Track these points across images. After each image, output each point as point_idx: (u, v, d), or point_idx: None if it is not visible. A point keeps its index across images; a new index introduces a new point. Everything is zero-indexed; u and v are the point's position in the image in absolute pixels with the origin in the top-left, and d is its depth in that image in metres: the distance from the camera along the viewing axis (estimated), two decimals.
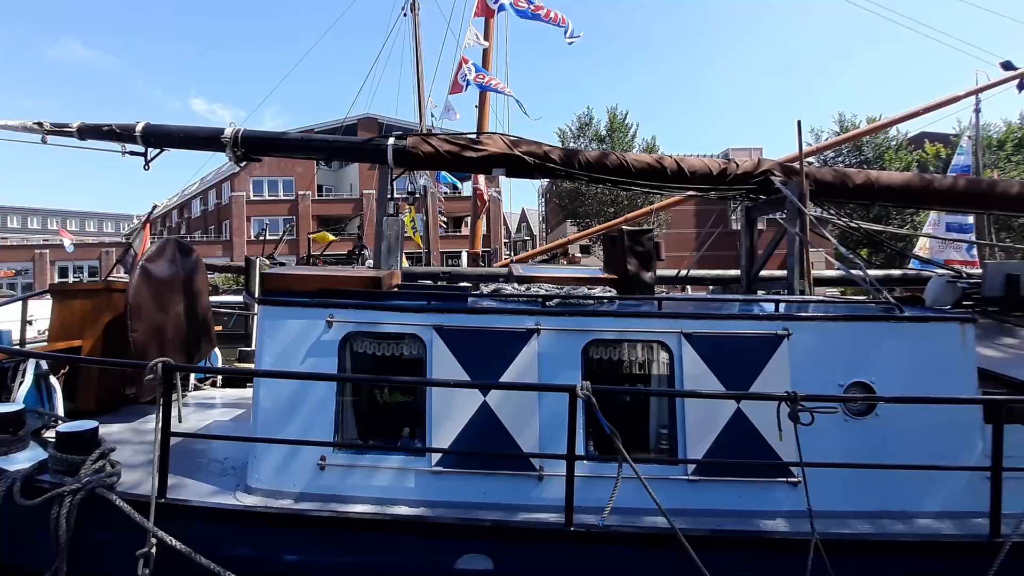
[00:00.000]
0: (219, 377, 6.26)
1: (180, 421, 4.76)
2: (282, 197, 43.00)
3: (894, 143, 30.43)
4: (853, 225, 5.86)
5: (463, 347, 3.48)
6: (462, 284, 6.94)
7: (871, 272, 6.74)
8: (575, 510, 3.07)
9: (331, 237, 12.12)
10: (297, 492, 3.37)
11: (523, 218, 60.28)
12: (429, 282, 6.98)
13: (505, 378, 3.45)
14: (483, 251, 12.80)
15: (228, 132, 5.30)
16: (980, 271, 4.89)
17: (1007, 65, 7.12)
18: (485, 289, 4.30)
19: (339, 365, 3.53)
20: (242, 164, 5.76)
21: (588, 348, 3.55)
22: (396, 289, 4.42)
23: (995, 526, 2.99)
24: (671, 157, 5.62)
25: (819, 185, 5.28)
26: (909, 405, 3.29)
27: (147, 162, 5.46)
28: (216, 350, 6.26)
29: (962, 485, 3.23)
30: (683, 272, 6.91)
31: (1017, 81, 6.94)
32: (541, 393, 3.42)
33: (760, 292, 5.79)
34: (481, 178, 12.28)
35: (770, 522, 3.23)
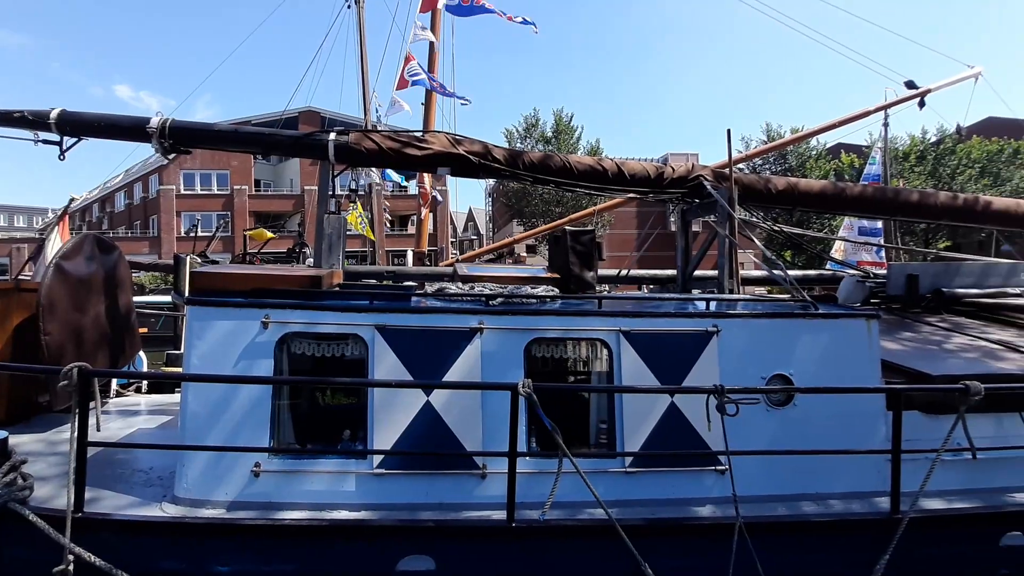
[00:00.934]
0: (144, 383, 5.89)
1: (99, 430, 4.45)
2: (216, 191, 40.79)
3: (814, 153, 32.76)
4: (776, 228, 6.27)
5: (406, 347, 3.46)
6: (407, 283, 6.87)
7: (792, 272, 7.23)
8: (518, 506, 3.12)
9: (269, 234, 11.64)
10: (229, 501, 3.24)
11: (470, 217, 60.13)
12: (373, 281, 6.86)
13: (448, 377, 3.46)
14: (429, 250, 12.69)
15: (154, 122, 5.00)
16: (886, 271, 5.36)
17: (910, 84, 7.86)
18: (429, 288, 4.29)
19: (275, 367, 3.42)
20: (170, 156, 5.45)
21: (531, 346, 3.61)
22: (337, 288, 4.32)
23: (895, 504, 3.30)
24: (612, 160, 5.80)
25: (746, 190, 5.61)
26: (822, 395, 3.57)
27: (63, 152, 5.07)
28: (141, 354, 5.89)
29: (868, 467, 3.53)
30: (623, 272, 7.14)
31: (918, 99, 7.69)
32: (484, 392, 3.45)
33: (695, 291, 6.08)
34: (427, 176, 12.16)
35: (700, 508, 3.41)
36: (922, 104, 7.76)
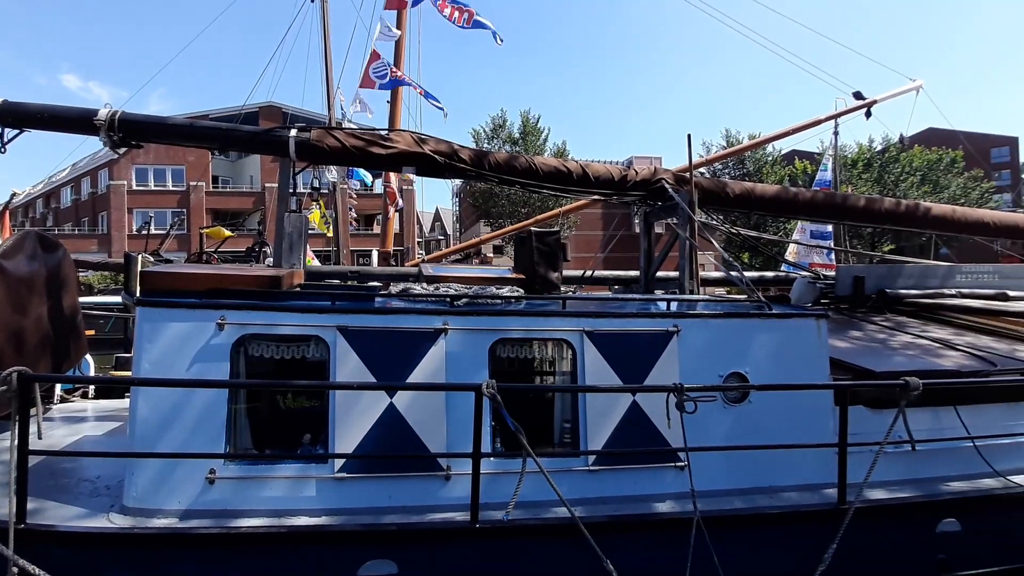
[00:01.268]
0: (92, 388, 5.61)
1: (40, 438, 4.22)
2: (170, 187, 39.15)
3: (770, 159, 34.12)
4: (734, 231, 6.48)
5: (369, 348, 3.42)
6: (372, 284, 6.77)
7: (749, 274, 7.48)
8: (483, 507, 3.13)
9: (227, 233, 11.24)
10: (182, 510, 3.13)
11: (437, 217, 59.73)
12: (337, 282, 6.74)
13: (412, 379, 3.43)
14: (394, 250, 12.54)
15: (103, 114, 4.77)
16: (835, 273, 5.61)
17: (858, 95, 8.27)
18: (393, 289, 4.25)
19: (231, 370, 3.32)
20: (120, 150, 5.21)
21: (495, 347, 3.62)
22: (298, 289, 4.23)
23: (842, 495, 3.46)
24: (577, 162, 5.87)
25: (706, 194, 5.78)
26: (776, 391, 3.71)
27: (3, 144, 4.78)
28: (88, 357, 5.61)
29: (818, 460, 3.69)
30: (588, 272, 7.24)
31: (865, 110, 8.10)
32: (449, 393, 3.44)
33: (659, 291, 6.22)
34: (392, 176, 12.01)
35: (661, 504, 3.50)
36: (868, 114, 8.18)
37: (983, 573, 3.70)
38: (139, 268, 4.84)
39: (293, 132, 5.07)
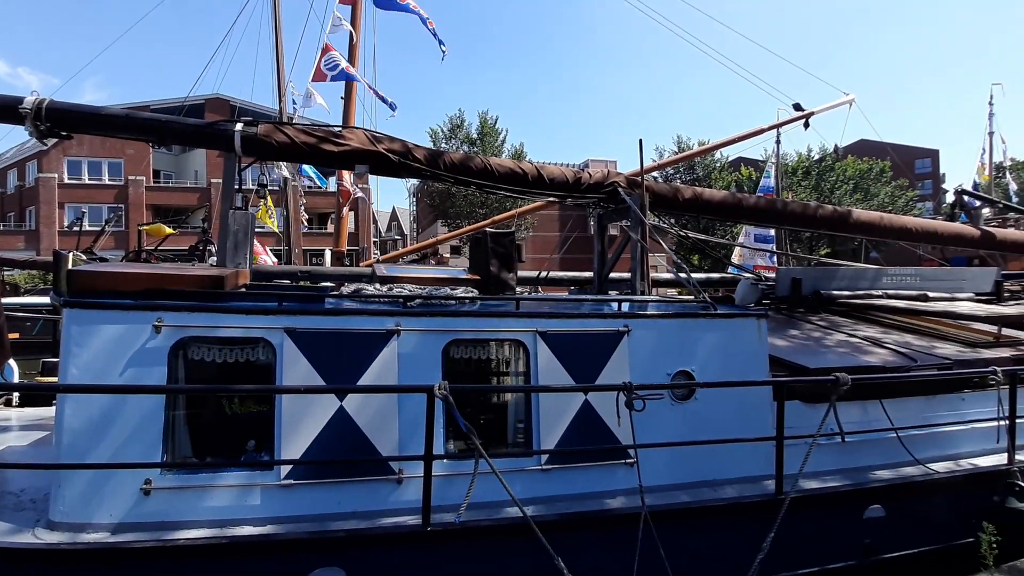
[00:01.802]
0: (15, 395, 5.22)
1: None
2: (107, 181, 36.84)
3: (719, 165, 35.56)
4: (683, 234, 6.70)
5: (318, 351, 3.33)
6: (324, 284, 6.60)
7: (698, 275, 7.75)
8: (436, 510, 3.11)
9: (168, 230, 10.69)
10: (114, 523, 2.96)
11: (394, 217, 58.84)
12: (287, 282, 6.52)
13: (364, 381, 3.38)
14: (349, 250, 12.26)
15: (29, 102, 4.44)
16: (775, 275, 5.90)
17: (797, 107, 8.74)
18: (345, 290, 4.16)
19: (169, 375, 3.17)
20: (48, 141, 4.86)
21: (449, 348, 3.61)
22: (243, 290, 4.08)
23: (779, 485, 3.64)
24: (532, 164, 5.92)
25: (657, 197, 5.94)
26: (720, 388, 3.87)
27: None
28: (12, 362, 5.21)
29: (759, 454, 3.87)
30: (543, 273, 7.31)
31: (804, 120, 8.56)
32: (401, 395, 3.40)
33: (613, 292, 6.35)
34: (346, 173, 11.75)
35: (612, 501, 3.58)
36: (807, 125, 8.64)
37: (904, 555, 3.98)
38: (69, 267, 4.54)
39: (239, 126, 4.88)
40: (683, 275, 5.03)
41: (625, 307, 4.23)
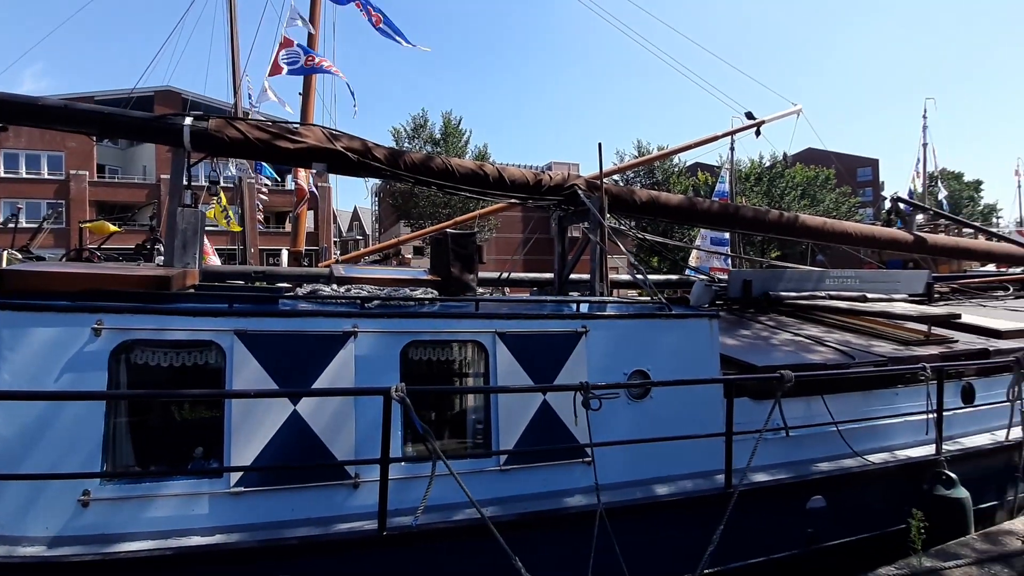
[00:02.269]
0: None
1: None
2: (46, 176, 34.65)
3: (677, 170, 36.63)
4: (640, 236, 6.87)
5: (270, 353, 3.25)
6: (280, 285, 6.42)
7: (657, 277, 7.95)
8: (393, 514, 3.08)
9: (112, 228, 10.13)
10: (50, 536, 2.80)
11: (355, 216, 57.75)
12: (241, 282, 6.31)
13: (319, 384, 3.31)
14: (307, 250, 11.96)
15: None
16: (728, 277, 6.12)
17: (749, 115, 9.09)
18: (301, 291, 4.07)
19: (110, 380, 3.02)
20: None
21: (407, 349, 3.58)
22: (192, 290, 3.93)
23: (728, 480, 3.78)
24: (493, 165, 5.95)
25: (616, 200, 6.07)
26: (673, 386, 3.98)
27: None
28: None
29: (710, 449, 4.01)
30: (505, 274, 7.34)
31: (755, 129, 8.92)
32: (357, 398, 3.35)
33: (574, 293, 6.44)
34: (303, 171, 11.46)
35: (570, 499, 3.63)
36: (758, 133, 9.00)
37: (844, 543, 4.20)
38: (2, 265, 4.26)
39: (188, 120, 4.70)
40: (640, 276, 5.16)
41: (584, 308, 4.30)
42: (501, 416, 3.67)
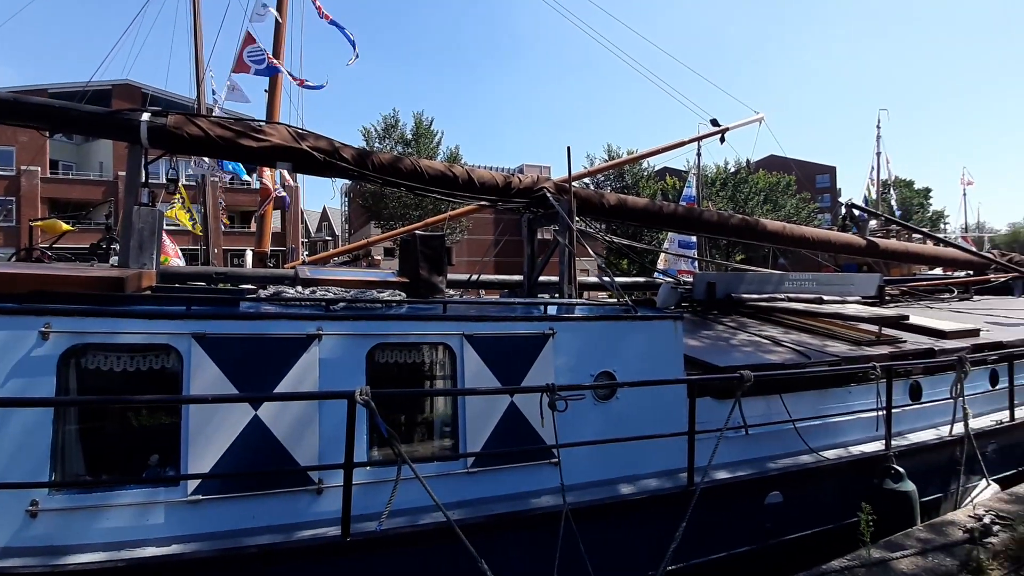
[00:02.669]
0: None
1: None
2: None
3: (646, 174, 37.36)
4: (608, 239, 6.98)
5: (231, 357, 3.17)
6: (244, 287, 6.25)
7: (626, 279, 8.08)
8: (358, 519, 3.04)
9: (65, 227, 9.70)
10: None
11: (324, 217, 56.75)
12: (202, 284, 6.13)
13: (282, 388, 3.25)
14: (273, 251, 11.69)
15: None
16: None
17: (714, 122, 9.37)
18: (264, 293, 3.98)
19: (59, 386, 2.90)
20: None
21: (374, 352, 3.55)
22: (148, 292, 3.81)
23: (691, 477, 3.87)
24: (462, 167, 5.95)
25: (584, 203, 6.15)
26: (639, 387, 4.05)
27: None
28: None
29: (674, 447, 4.09)
30: (475, 276, 7.34)
31: (720, 135, 9.19)
32: (322, 402, 3.30)
33: (546, 295, 6.48)
34: (268, 170, 11.21)
35: (537, 500, 3.65)
36: (723, 140, 9.28)
37: (800, 536, 4.35)
38: None
39: (146, 116, 4.55)
40: (607, 279, 5.24)
41: (551, 310, 4.33)
42: (469, 418, 3.67)
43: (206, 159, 11.88)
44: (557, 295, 6.02)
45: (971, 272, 10.78)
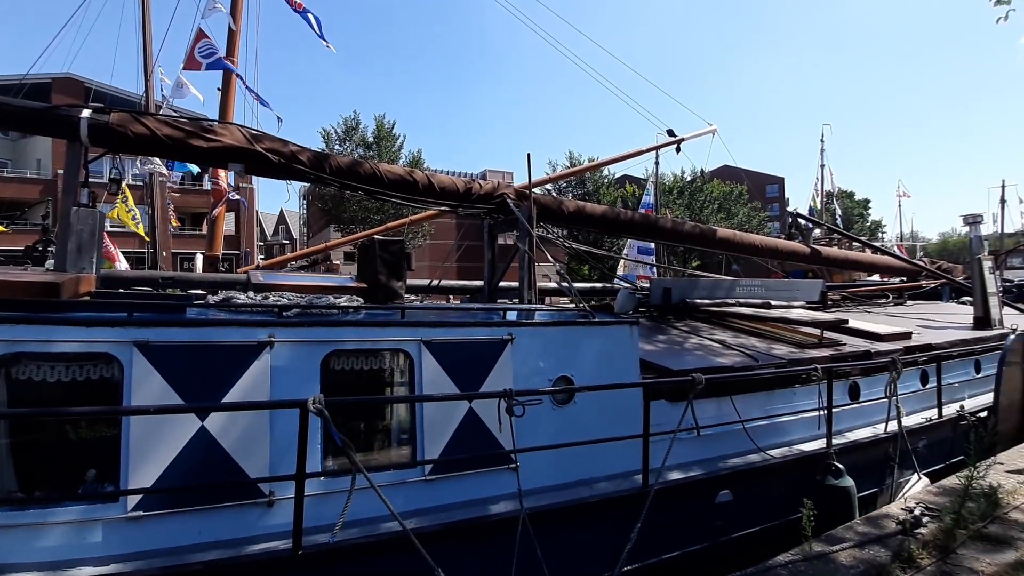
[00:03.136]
0: None
1: None
2: None
3: (606, 181, 38.21)
4: (567, 244, 7.09)
5: (176, 366, 3.05)
6: (194, 292, 6.02)
7: (585, 285, 8.21)
8: (311, 531, 2.97)
9: None
10: None
11: (281, 220, 55.15)
12: (148, 289, 5.86)
13: (231, 398, 3.14)
14: (224, 254, 11.29)
15: None
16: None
17: (670, 132, 9.68)
18: (213, 299, 3.85)
19: None
20: None
21: (329, 359, 3.48)
22: (87, 298, 3.62)
23: (645, 479, 3.96)
24: (423, 172, 5.93)
25: (544, 209, 6.24)
26: (597, 391, 4.12)
27: None
28: None
29: (630, 450, 4.18)
30: (435, 282, 7.31)
31: (676, 145, 9.50)
32: (274, 411, 3.22)
33: (507, 301, 6.51)
34: (222, 171, 10.84)
35: (495, 506, 3.65)
36: (678, 149, 9.59)
37: (749, 533, 4.52)
38: None
39: (86, 112, 4.34)
40: (565, 284, 5.32)
41: (512, 316, 4.35)
42: (426, 426, 3.65)
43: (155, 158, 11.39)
44: (517, 300, 6.08)
45: (905, 279, 11.51)
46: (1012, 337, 6.36)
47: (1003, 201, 41.51)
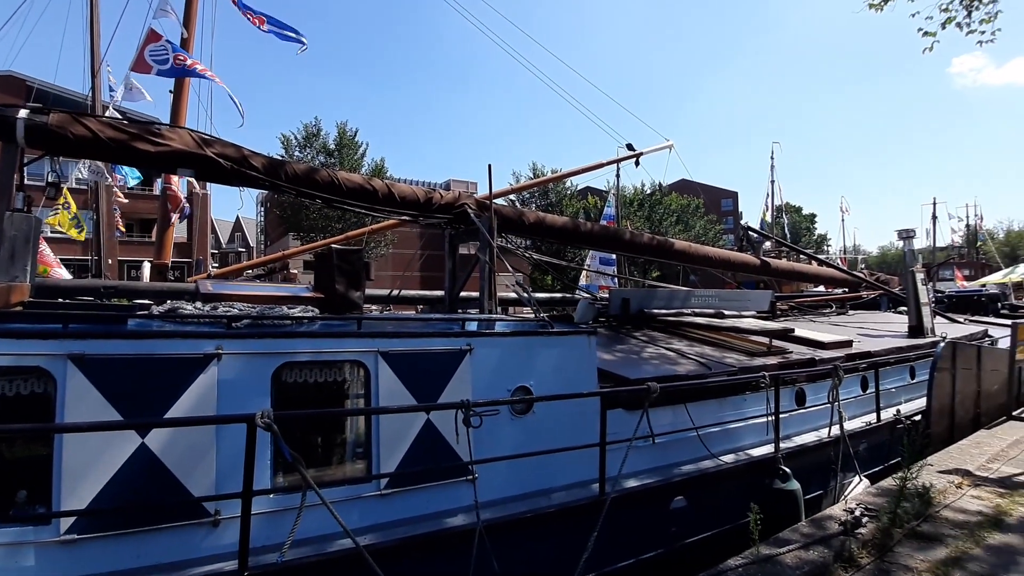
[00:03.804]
0: None
1: None
2: None
3: (569, 192, 38.86)
4: (528, 255, 7.16)
5: (114, 381, 2.90)
6: (139, 302, 5.74)
7: (546, 295, 8.29)
8: (260, 551, 2.87)
9: None
10: None
11: (238, 227, 53.37)
12: (91, 299, 5.57)
13: (175, 413, 3.01)
14: (174, 263, 10.82)
15: None
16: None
17: (630, 146, 9.96)
18: (157, 309, 3.69)
19: None
20: None
21: (280, 372, 3.39)
22: (19, 308, 3.42)
23: (602, 487, 4.01)
24: (382, 181, 5.88)
25: (505, 220, 6.29)
26: (555, 400, 4.16)
27: None
28: None
29: (587, 459, 4.22)
30: (395, 292, 7.24)
31: (635, 159, 9.78)
32: (220, 427, 3.10)
33: (471, 311, 6.49)
34: (175, 177, 10.44)
35: (452, 519, 3.61)
36: (637, 163, 9.87)
37: (702, 538, 4.63)
38: None
39: (23, 113, 4.13)
40: (524, 295, 5.37)
41: (472, 326, 4.34)
42: (382, 438, 3.59)
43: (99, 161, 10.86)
44: (477, 311, 6.08)
45: (847, 289, 12.14)
46: (942, 345, 6.79)
47: (934, 217, 44.37)
